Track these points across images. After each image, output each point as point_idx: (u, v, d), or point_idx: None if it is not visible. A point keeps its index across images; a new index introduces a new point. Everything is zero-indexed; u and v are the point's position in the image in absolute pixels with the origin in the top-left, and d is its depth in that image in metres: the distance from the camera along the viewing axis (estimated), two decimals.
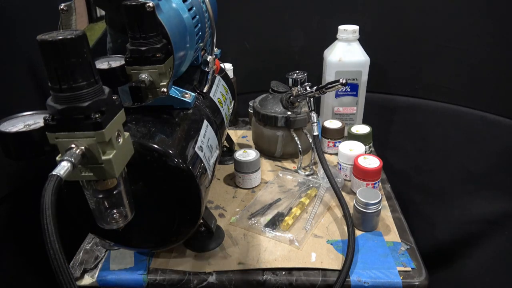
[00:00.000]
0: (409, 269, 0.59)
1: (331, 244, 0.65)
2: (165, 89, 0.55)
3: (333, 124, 0.91)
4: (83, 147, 0.36)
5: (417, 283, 0.58)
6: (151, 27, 0.53)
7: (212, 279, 0.60)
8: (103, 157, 0.36)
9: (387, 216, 0.72)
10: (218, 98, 0.75)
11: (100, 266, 0.62)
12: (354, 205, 0.67)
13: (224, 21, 0.87)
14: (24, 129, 0.38)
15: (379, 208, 0.66)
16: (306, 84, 0.82)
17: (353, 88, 0.95)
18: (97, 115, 0.36)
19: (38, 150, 0.38)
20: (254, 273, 0.60)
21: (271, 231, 0.68)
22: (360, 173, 0.73)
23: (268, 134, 0.89)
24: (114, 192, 0.40)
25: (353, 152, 0.78)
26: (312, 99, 0.82)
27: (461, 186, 1.05)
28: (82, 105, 0.35)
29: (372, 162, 0.74)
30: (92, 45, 0.79)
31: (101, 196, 0.40)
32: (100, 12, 0.78)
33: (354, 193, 0.71)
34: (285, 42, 1.09)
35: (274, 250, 0.64)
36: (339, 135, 0.91)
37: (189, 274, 0.60)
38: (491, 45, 0.91)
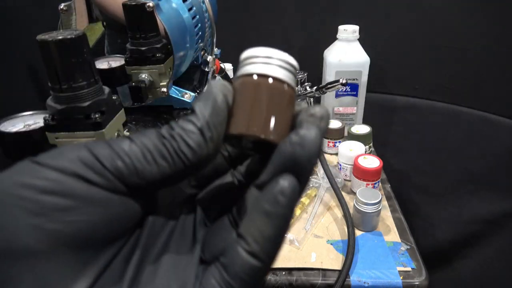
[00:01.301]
0: (409, 269, 0.59)
1: (331, 244, 0.65)
2: (165, 89, 0.55)
3: (333, 124, 0.91)
4: None
5: (417, 283, 0.58)
6: (151, 27, 0.53)
7: None
8: None
9: (387, 216, 0.72)
10: None
11: None
12: (354, 205, 0.67)
13: (224, 21, 0.87)
14: (24, 129, 0.38)
15: (379, 208, 0.66)
16: (306, 84, 0.82)
17: (353, 88, 0.95)
18: (97, 115, 0.36)
19: (38, 150, 0.38)
20: None
21: None
22: (360, 173, 0.73)
23: None
24: None
25: (353, 152, 0.78)
26: (312, 99, 0.82)
27: (461, 186, 1.05)
28: (82, 105, 0.35)
29: (372, 162, 0.74)
30: (92, 45, 0.79)
31: None
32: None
33: (354, 193, 0.70)
34: (285, 42, 1.09)
35: None
36: (339, 135, 0.91)
37: None
38: (491, 45, 0.91)
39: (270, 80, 0.19)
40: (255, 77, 0.19)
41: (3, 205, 0.14)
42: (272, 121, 0.18)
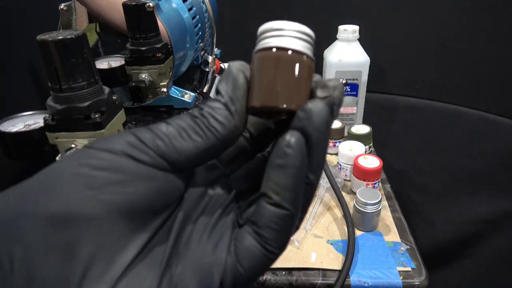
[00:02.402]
0: (409, 269, 0.59)
1: (331, 244, 0.65)
2: (165, 89, 0.55)
3: (333, 124, 0.91)
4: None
5: (417, 283, 0.58)
6: (151, 27, 0.53)
7: None
8: None
9: (387, 216, 0.72)
10: None
11: None
12: (354, 205, 0.67)
13: (224, 21, 0.87)
14: (24, 129, 0.38)
15: (379, 208, 0.66)
16: None
17: (353, 88, 0.95)
18: (97, 115, 0.36)
19: (38, 150, 0.38)
20: None
21: None
22: (360, 173, 0.73)
23: None
24: None
25: (353, 152, 0.78)
26: None
27: (461, 186, 1.05)
28: (82, 105, 0.35)
29: (372, 162, 0.74)
30: (92, 45, 0.79)
31: None
32: None
33: (354, 193, 0.71)
34: None
35: None
36: (339, 135, 0.91)
37: None
38: (491, 45, 0.91)
39: (289, 52, 0.19)
40: (274, 50, 0.19)
41: (64, 180, 0.17)
42: (292, 91, 0.19)
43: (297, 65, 0.19)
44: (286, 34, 0.19)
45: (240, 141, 0.22)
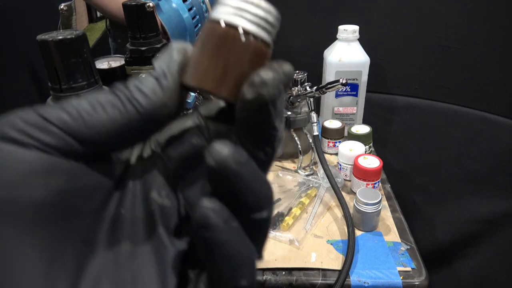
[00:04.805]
0: (409, 269, 0.59)
1: (331, 244, 0.65)
2: None
3: (333, 124, 0.91)
4: None
5: (417, 283, 0.58)
6: (151, 27, 0.53)
7: None
8: None
9: (387, 216, 0.72)
10: None
11: None
12: (354, 205, 0.67)
13: None
14: None
15: (379, 208, 0.66)
16: (306, 84, 0.82)
17: (353, 88, 0.95)
18: None
19: None
20: None
21: (271, 231, 0.68)
22: (360, 173, 0.73)
23: None
24: None
25: (353, 152, 0.78)
26: (312, 99, 0.82)
27: (461, 186, 1.05)
28: None
29: (372, 162, 0.74)
30: (92, 45, 0.79)
31: None
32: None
33: (354, 193, 0.71)
34: (285, 42, 1.09)
35: (274, 250, 0.64)
36: (339, 135, 0.91)
37: None
38: (491, 45, 0.91)
39: (240, 31, 0.16)
40: (222, 24, 0.16)
41: None
42: (229, 77, 0.16)
43: (245, 48, 0.16)
44: (244, 8, 0.16)
45: (197, 140, 0.18)
